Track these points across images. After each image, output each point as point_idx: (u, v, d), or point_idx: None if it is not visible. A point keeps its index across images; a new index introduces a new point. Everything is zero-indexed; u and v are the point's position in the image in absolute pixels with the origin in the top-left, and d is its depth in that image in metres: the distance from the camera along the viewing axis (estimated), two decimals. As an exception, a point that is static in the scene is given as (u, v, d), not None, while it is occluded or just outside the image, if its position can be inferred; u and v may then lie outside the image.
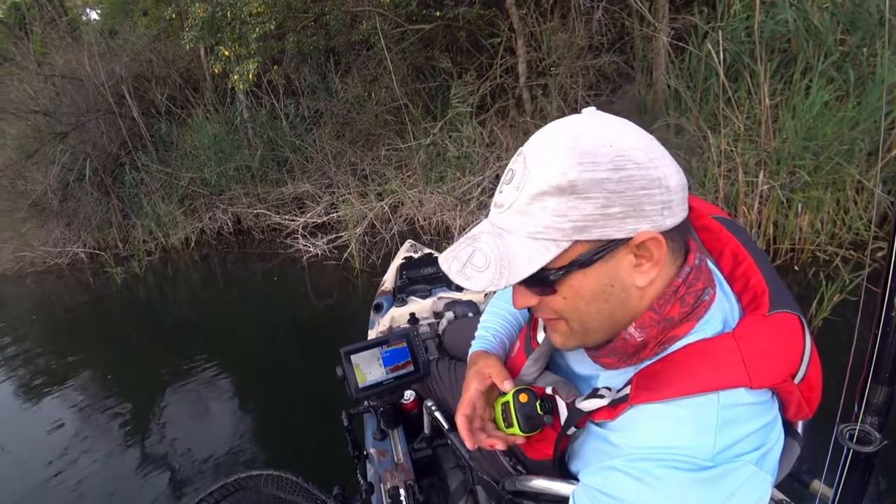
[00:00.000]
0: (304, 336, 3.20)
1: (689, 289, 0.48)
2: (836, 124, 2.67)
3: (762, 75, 2.79)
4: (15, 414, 2.83)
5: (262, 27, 4.10)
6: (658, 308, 0.48)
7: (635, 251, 0.46)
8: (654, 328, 0.49)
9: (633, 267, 0.47)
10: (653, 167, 0.44)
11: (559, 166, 0.44)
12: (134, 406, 2.65)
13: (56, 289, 5.11)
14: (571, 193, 0.44)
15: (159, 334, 3.72)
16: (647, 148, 0.45)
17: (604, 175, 0.43)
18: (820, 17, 2.97)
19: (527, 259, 0.46)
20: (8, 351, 3.70)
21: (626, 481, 0.45)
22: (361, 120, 5.15)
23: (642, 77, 3.84)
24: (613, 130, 0.46)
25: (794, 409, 0.51)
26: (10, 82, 6.48)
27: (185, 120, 5.85)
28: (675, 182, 0.46)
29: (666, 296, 0.48)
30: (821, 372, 0.51)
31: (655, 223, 0.45)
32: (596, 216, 0.44)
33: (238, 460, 2.06)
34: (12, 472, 2.25)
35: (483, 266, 0.48)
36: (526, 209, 0.46)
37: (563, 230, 0.45)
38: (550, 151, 0.45)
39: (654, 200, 0.44)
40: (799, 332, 0.50)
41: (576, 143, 0.45)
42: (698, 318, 0.49)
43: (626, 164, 0.44)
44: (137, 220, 5.57)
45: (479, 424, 0.63)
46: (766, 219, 2.85)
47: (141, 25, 6.61)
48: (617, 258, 0.46)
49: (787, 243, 2.82)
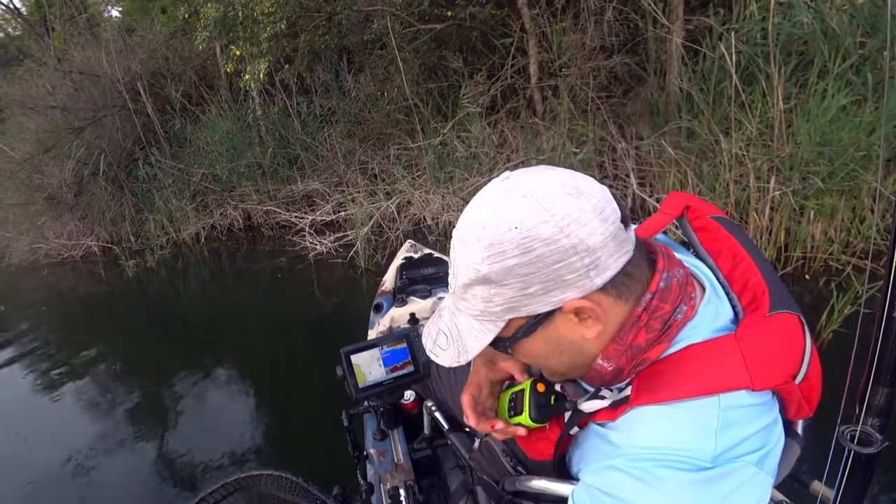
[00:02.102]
0: (305, 334, 3.21)
1: (652, 314, 0.48)
2: (852, 129, 2.61)
3: (776, 78, 2.73)
4: (19, 398, 2.90)
5: (273, 26, 4.13)
6: (621, 339, 0.49)
7: (573, 314, 0.47)
8: (622, 356, 0.49)
9: (577, 324, 0.48)
10: (564, 236, 0.43)
11: (472, 261, 0.47)
12: (136, 401, 2.68)
13: (70, 280, 5.21)
14: (488, 283, 0.46)
15: (166, 328, 3.78)
16: (557, 215, 0.43)
17: (513, 262, 0.44)
18: (838, 19, 2.91)
19: (474, 338, 0.51)
20: (21, 339, 3.78)
21: (627, 481, 0.45)
22: (373, 119, 5.17)
23: (655, 79, 3.80)
24: (520, 204, 0.44)
25: (794, 408, 0.51)
26: (29, 78, 6.63)
27: (199, 117, 5.92)
28: (597, 239, 0.44)
29: (626, 327, 0.48)
30: (821, 371, 0.51)
31: (583, 287, 0.45)
32: (518, 297, 0.46)
33: (238, 460, 2.06)
34: (19, 456, 2.29)
35: (445, 346, 0.54)
36: (463, 295, 0.50)
37: (495, 313, 0.48)
38: (465, 245, 0.48)
39: (574, 268, 0.44)
40: (799, 332, 0.50)
41: (482, 234, 0.45)
42: (670, 339, 0.49)
43: (533, 243, 0.43)
44: (150, 215, 5.66)
45: (480, 410, 0.64)
46: (778, 226, 2.79)
47: (159, 23, 6.70)
48: (555, 324, 0.48)
49: (799, 251, 2.76)
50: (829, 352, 1.94)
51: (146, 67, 6.05)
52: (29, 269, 5.64)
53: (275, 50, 4.57)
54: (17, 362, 3.40)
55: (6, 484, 2.14)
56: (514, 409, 0.60)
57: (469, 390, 0.65)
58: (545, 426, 0.59)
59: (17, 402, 2.90)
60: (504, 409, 0.63)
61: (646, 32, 3.82)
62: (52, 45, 6.43)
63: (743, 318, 0.51)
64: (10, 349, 3.62)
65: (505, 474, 0.69)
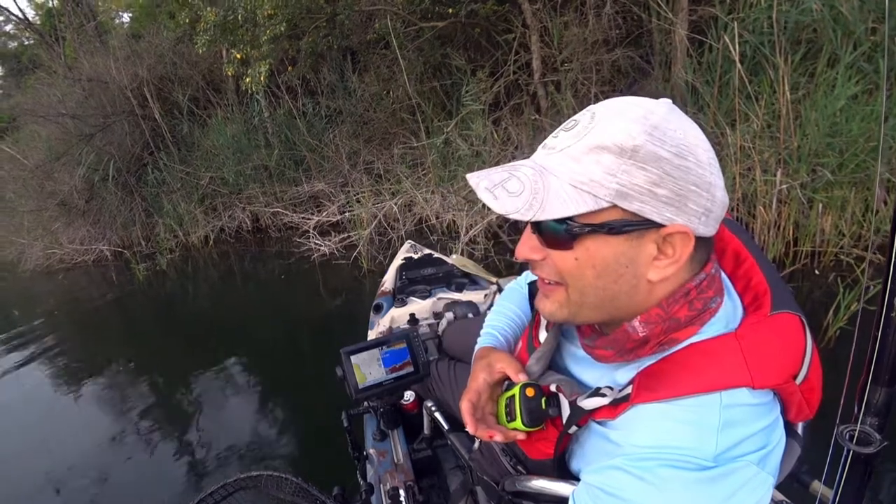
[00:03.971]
0: (308, 336, 3.22)
1: (699, 294, 0.49)
2: (863, 119, 2.53)
3: (782, 67, 2.67)
4: (28, 397, 2.99)
5: (273, 29, 4.15)
6: (667, 306, 0.48)
7: (660, 242, 0.46)
8: (659, 326, 0.49)
9: (652, 259, 0.47)
10: (709, 172, 0.45)
11: (629, 128, 0.44)
12: (143, 400, 2.71)
13: (83, 284, 5.31)
14: (630, 158, 0.44)
15: (174, 331, 3.82)
16: (712, 155, 0.46)
17: (666, 154, 0.44)
18: (848, 5, 2.83)
19: (561, 201, 0.46)
20: (37, 342, 3.86)
21: (628, 480, 0.45)
22: (378, 118, 5.18)
23: (660, 71, 3.74)
24: (687, 126, 0.46)
25: (794, 410, 0.51)
26: (40, 87, 6.75)
27: (207, 120, 5.99)
28: (721, 195, 0.47)
29: (676, 296, 0.48)
30: (821, 373, 0.52)
31: (692, 223, 0.45)
32: (643, 189, 0.44)
33: (239, 460, 2.06)
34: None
35: (516, 192, 0.47)
36: (579, 157, 0.46)
37: (607, 189, 0.44)
38: (624, 113, 0.46)
39: (700, 202, 0.45)
40: (800, 332, 0.50)
41: (650, 117, 0.45)
42: (702, 323, 0.49)
43: (689, 155, 0.44)
44: (159, 219, 5.74)
45: (479, 415, 0.64)
46: (786, 219, 2.72)
47: (168, 28, 6.75)
48: (642, 241, 0.46)
49: (808, 245, 2.68)
50: (837, 350, 1.88)
51: (154, 73, 6.13)
52: (44, 275, 5.76)
53: (276, 52, 4.59)
54: (33, 362, 3.47)
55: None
56: (510, 416, 0.61)
57: (467, 396, 0.64)
58: (542, 427, 0.59)
59: (27, 400, 2.99)
60: (502, 414, 0.63)
61: (649, 24, 3.76)
62: (62, 53, 6.54)
63: (744, 318, 0.51)
64: (27, 351, 3.70)
65: (505, 474, 0.69)
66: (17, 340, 3.98)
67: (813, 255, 2.70)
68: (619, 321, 0.51)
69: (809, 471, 0.66)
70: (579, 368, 0.61)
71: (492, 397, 0.66)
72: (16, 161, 6.40)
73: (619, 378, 0.53)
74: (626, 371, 0.53)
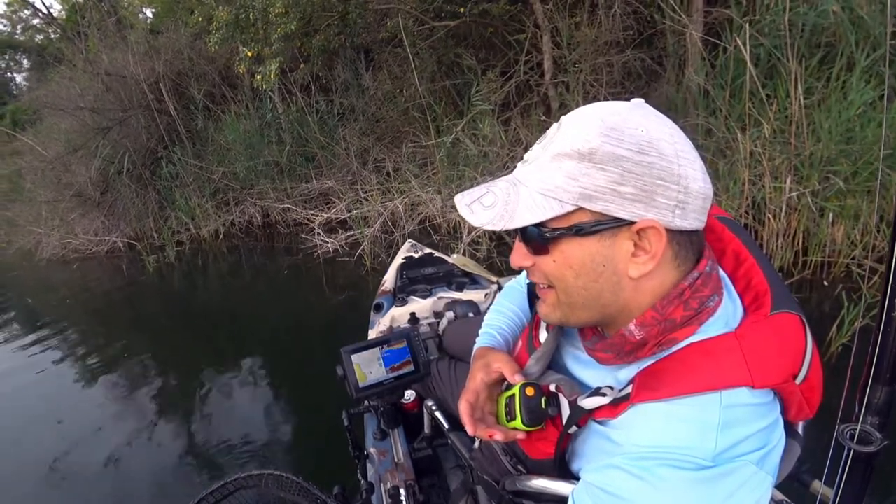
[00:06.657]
0: (310, 334, 3.22)
1: (694, 293, 0.48)
2: (879, 126, 2.46)
3: (793, 72, 2.60)
4: (33, 384, 3.05)
5: (284, 27, 4.18)
6: (661, 308, 0.49)
7: (636, 239, 0.46)
8: (655, 328, 0.49)
9: (630, 256, 0.47)
10: (677, 164, 0.45)
11: (584, 133, 0.46)
12: (145, 394, 2.73)
13: (96, 274, 5.40)
14: (589, 160, 0.45)
15: (181, 324, 3.86)
16: (679, 147, 0.46)
17: (625, 153, 0.44)
18: (868, 7, 2.77)
19: (529, 209, 0.48)
20: (48, 330, 3.94)
21: (627, 479, 0.45)
22: (389, 116, 5.18)
23: (672, 73, 3.69)
24: (651, 121, 0.46)
25: (794, 409, 0.51)
26: (61, 81, 6.89)
27: (221, 116, 6.06)
28: (696, 186, 0.46)
29: (670, 297, 0.48)
30: (821, 373, 0.51)
31: (664, 217, 0.45)
32: (605, 189, 0.45)
33: (239, 459, 2.05)
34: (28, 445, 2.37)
35: (490, 205, 0.50)
36: (545, 166, 0.48)
37: (570, 192, 0.46)
38: (583, 119, 0.47)
39: (669, 195, 0.45)
40: (801, 332, 0.50)
41: (608, 118, 0.46)
42: (700, 322, 0.49)
43: (651, 150, 0.45)
44: (172, 212, 5.82)
45: (479, 415, 0.64)
46: (796, 228, 2.66)
47: (188, 24, 6.81)
48: (615, 240, 0.47)
49: (819, 256, 2.61)
50: (837, 364, 1.82)
51: (170, 68, 6.22)
52: (59, 264, 5.87)
53: (287, 50, 4.62)
54: (45, 351, 3.54)
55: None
56: (509, 415, 0.61)
57: (466, 397, 0.64)
58: (542, 427, 0.59)
59: (30, 387, 3.05)
60: (502, 414, 0.63)
61: (663, 25, 3.71)
62: (83, 48, 6.66)
63: (744, 318, 0.51)
64: (36, 336, 3.79)
65: (505, 474, 0.69)
66: (29, 327, 4.07)
67: (823, 265, 2.63)
68: (615, 322, 0.52)
69: (810, 470, 0.66)
70: (580, 369, 0.61)
71: (491, 397, 0.66)
72: (36, 152, 6.55)
73: (620, 378, 0.54)
74: (627, 372, 0.53)
